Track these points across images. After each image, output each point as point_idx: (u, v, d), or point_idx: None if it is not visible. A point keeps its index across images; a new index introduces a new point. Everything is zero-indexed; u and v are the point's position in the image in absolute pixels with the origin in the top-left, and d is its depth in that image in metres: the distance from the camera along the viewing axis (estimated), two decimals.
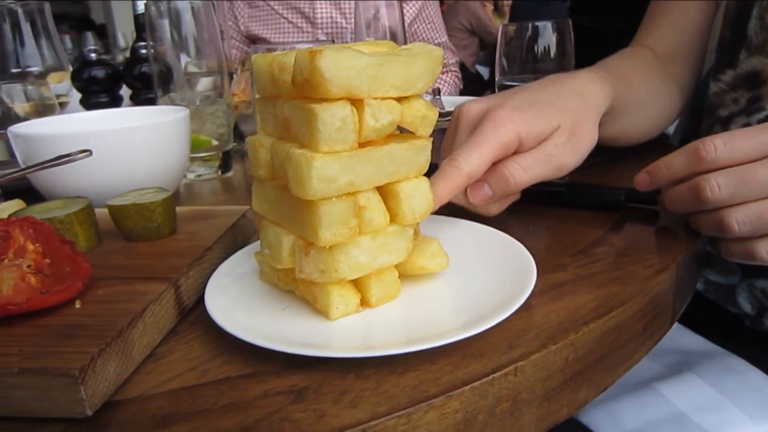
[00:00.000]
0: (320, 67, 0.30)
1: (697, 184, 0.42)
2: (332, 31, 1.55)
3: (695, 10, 0.71)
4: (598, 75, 0.53)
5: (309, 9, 1.53)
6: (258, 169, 0.37)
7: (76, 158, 0.43)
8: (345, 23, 1.54)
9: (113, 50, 4.33)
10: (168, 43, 0.74)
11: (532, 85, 0.52)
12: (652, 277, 0.39)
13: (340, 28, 1.54)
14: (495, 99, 0.48)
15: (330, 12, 1.54)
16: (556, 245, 0.46)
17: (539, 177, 0.45)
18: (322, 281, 0.34)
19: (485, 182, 0.45)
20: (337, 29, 1.54)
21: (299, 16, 1.54)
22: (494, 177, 0.44)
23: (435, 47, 0.34)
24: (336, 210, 0.32)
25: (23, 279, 0.33)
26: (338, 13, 1.54)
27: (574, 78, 0.51)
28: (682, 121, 0.80)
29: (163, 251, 0.41)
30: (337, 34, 1.55)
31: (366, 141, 0.33)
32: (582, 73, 0.53)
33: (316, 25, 1.54)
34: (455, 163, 0.42)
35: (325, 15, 1.53)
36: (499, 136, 0.43)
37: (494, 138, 0.43)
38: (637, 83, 0.64)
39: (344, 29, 1.54)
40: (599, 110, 0.51)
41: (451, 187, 0.42)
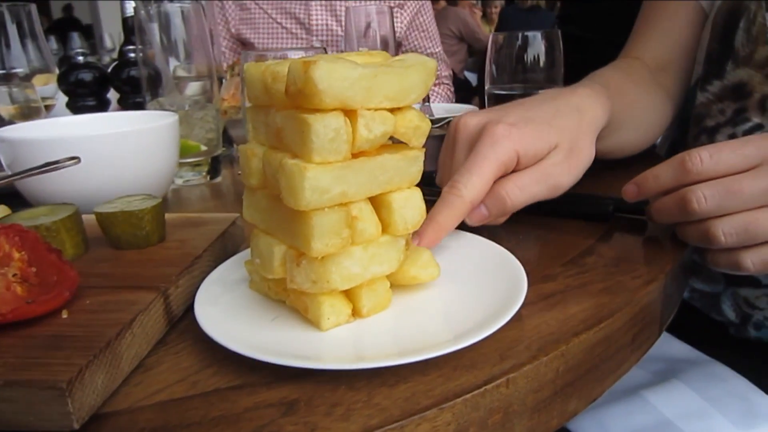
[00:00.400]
0: (314, 77, 0.30)
1: (683, 195, 0.42)
2: (327, 38, 1.54)
3: (685, 21, 0.71)
4: (596, 90, 0.53)
5: (305, 15, 1.52)
6: (249, 178, 0.37)
7: (64, 165, 0.42)
8: (340, 30, 1.53)
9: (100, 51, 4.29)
10: (157, 46, 0.73)
11: (530, 100, 0.52)
12: (641, 287, 0.39)
13: (335, 35, 1.53)
14: (492, 113, 0.48)
15: (326, 19, 1.53)
16: (545, 255, 0.46)
17: (535, 197, 0.46)
18: (314, 292, 0.33)
19: (482, 203, 0.44)
20: (332, 37, 1.53)
21: (294, 22, 1.53)
22: (491, 198, 0.44)
23: (429, 58, 0.35)
24: (328, 220, 0.32)
25: (8, 288, 0.32)
26: (334, 20, 1.53)
27: (572, 94, 0.51)
28: (669, 130, 0.81)
29: (152, 259, 0.41)
30: (332, 42, 1.54)
31: (359, 151, 0.33)
32: (580, 89, 0.53)
33: (311, 32, 1.53)
34: (456, 192, 0.42)
35: (320, 22, 1.52)
36: (498, 155, 0.43)
37: (494, 158, 0.43)
38: (633, 97, 0.64)
39: (339, 37, 1.53)
40: (597, 127, 0.51)
41: (454, 216, 0.42)
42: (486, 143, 0.44)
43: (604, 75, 0.66)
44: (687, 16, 0.71)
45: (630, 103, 0.63)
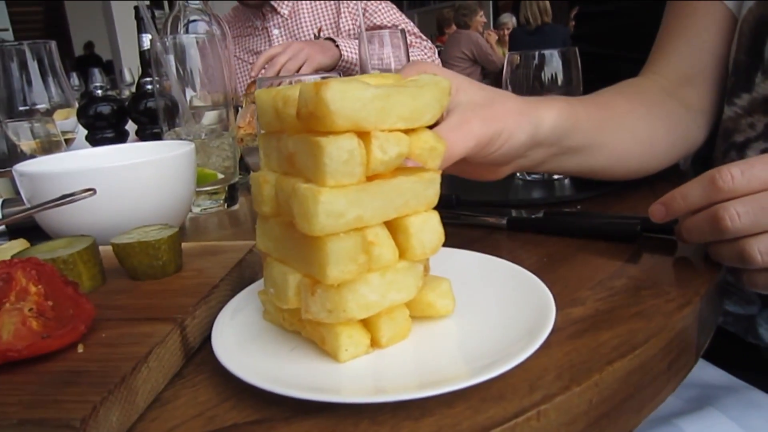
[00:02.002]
0: (326, 98, 0.29)
1: (715, 213, 0.40)
2: None
3: (712, 29, 0.67)
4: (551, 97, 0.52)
5: (267, 48, 1.58)
6: (262, 205, 0.36)
7: (80, 197, 0.42)
8: None
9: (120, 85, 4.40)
10: (173, 77, 0.74)
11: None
12: (675, 311, 0.37)
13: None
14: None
15: None
16: (572, 277, 0.44)
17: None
18: (330, 322, 0.32)
19: None
20: None
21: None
22: None
23: (442, 78, 0.34)
24: (344, 246, 0.31)
25: (24, 323, 0.32)
26: None
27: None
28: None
29: (169, 290, 0.40)
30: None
31: (373, 174, 0.32)
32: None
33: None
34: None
35: None
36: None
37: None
38: (624, 108, 0.60)
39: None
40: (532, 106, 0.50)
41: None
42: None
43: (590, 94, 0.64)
44: (714, 23, 0.67)
45: (619, 113, 0.59)
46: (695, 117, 0.67)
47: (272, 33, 1.61)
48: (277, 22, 1.61)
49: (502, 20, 5.12)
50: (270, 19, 1.61)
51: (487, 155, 0.46)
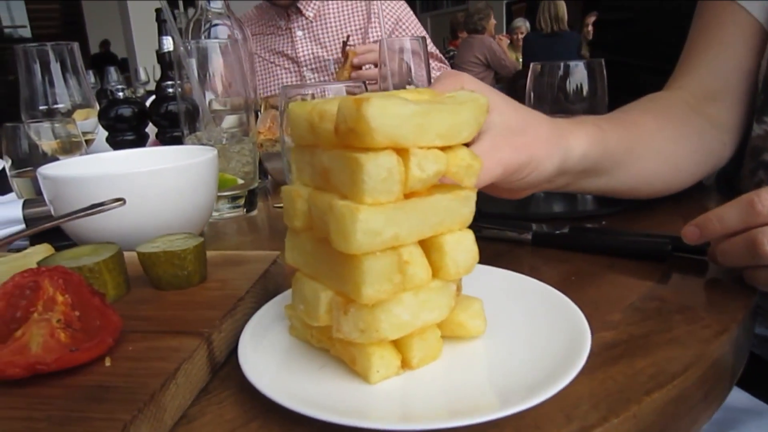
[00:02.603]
0: (367, 115, 0.28)
1: (754, 238, 0.39)
2: (315, 66, 1.62)
3: (740, 45, 0.66)
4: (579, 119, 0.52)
5: (291, 49, 1.61)
6: (294, 219, 0.35)
7: (110, 207, 0.42)
8: (326, 55, 1.61)
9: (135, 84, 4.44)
10: (195, 81, 0.74)
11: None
12: (713, 339, 0.36)
13: (323, 61, 1.61)
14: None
15: (311, 48, 1.61)
16: (603, 298, 0.44)
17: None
18: (362, 342, 0.32)
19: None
20: (320, 63, 1.61)
21: (283, 58, 1.62)
22: None
23: (480, 96, 0.33)
24: (380, 265, 0.30)
25: (52, 335, 0.31)
26: (319, 47, 1.61)
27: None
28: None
29: (194, 301, 0.40)
30: (320, 68, 1.62)
31: (410, 192, 0.31)
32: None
33: (300, 63, 1.61)
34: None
35: (306, 52, 1.61)
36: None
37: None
38: (652, 127, 0.59)
39: (327, 61, 1.61)
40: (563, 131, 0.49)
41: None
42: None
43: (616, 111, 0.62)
44: (743, 38, 0.65)
45: (647, 133, 0.58)
46: (721, 134, 0.66)
47: (296, 34, 1.60)
48: (301, 24, 1.60)
49: (515, 24, 5.11)
50: (294, 20, 1.60)
51: (512, 182, 0.45)
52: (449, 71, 0.45)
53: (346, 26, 1.62)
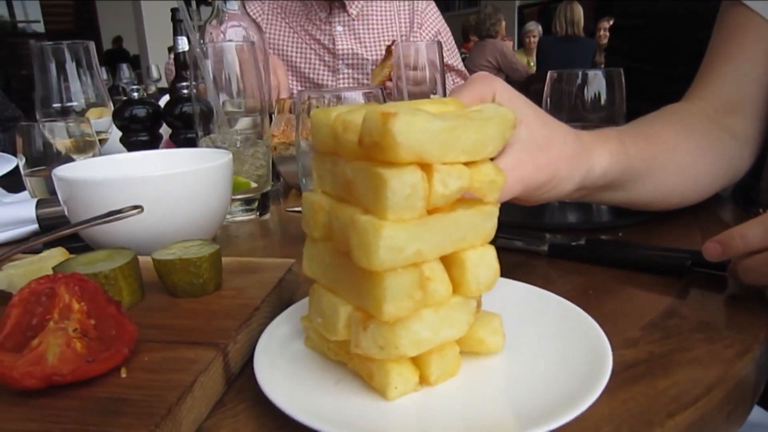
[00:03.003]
0: (393, 130, 0.28)
1: None
2: (352, 62, 1.59)
3: (760, 57, 0.65)
4: (605, 135, 0.51)
5: (329, 42, 1.58)
6: (313, 230, 0.35)
7: (127, 215, 0.42)
8: (366, 54, 1.58)
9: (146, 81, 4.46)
10: (210, 82, 0.73)
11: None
12: (735, 359, 0.36)
13: (360, 59, 1.58)
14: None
15: (350, 45, 1.58)
16: (622, 315, 0.43)
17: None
18: (381, 358, 0.31)
19: None
20: (357, 60, 1.59)
21: (320, 46, 1.59)
22: None
23: (507, 110, 0.33)
24: (402, 282, 0.30)
25: (69, 345, 0.31)
26: (359, 45, 1.58)
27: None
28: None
29: (209, 310, 0.40)
30: (357, 65, 1.59)
31: (433, 207, 0.31)
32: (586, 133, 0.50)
33: (336, 56, 1.58)
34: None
35: (345, 46, 1.58)
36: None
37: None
38: (672, 142, 0.59)
39: (365, 60, 1.58)
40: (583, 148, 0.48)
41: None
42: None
43: (637, 122, 0.61)
44: (764, 49, 0.64)
45: (668, 148, 0.57)
46: (740, 146, 0.65)
47: (335, 29, 1.57)
48: (342, 20, 1.58)
49: (528, 28, 5.09)
50: (336, 15, 1.57)
51: (531, 197, 0.45)
52: (482, 74, 0.44)
53: (389, 29, 1.60)
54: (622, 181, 0.52)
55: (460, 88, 0.42)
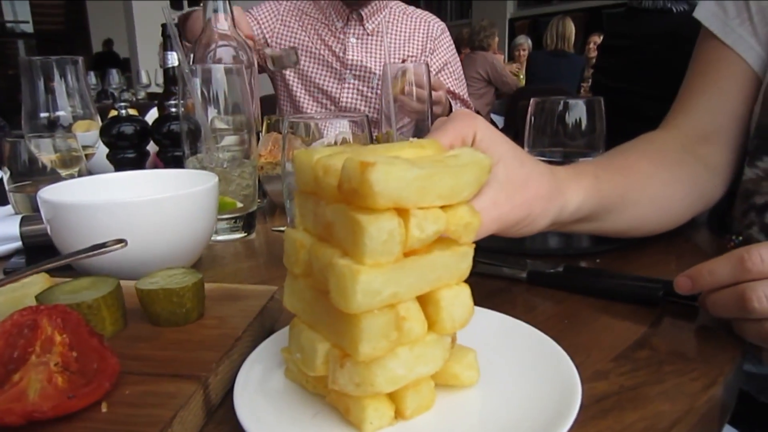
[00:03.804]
0: (371, 179, 0.29)
1: (743, 293, 0.40)
2: (360, 74, 1.61)
3: (733, 90, 0.67)
4: (578, 171, 0.52)
5: (340, 51, 1.59)
6: (294, 266, 0.36)
7: (112, 249, 0.42)
8: (374, 68, 1.60)
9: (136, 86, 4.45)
10: (198, 103, 0.74)
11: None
12: (701, 393, 0.37)
13: (368, 72, 1.60)
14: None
15: (361, 57, 1.60)
16: (595, 345, 0.44)
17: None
18: (357, 395, 0.32)
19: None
20: (365, 72, 1.60)
21: (330, 53, 1.61)
22: None
23: (484, 156, 0.34)
24: (378, 323, 0.31)
25: (50, 380, 0.32)
26: (370, 58, 1.60)
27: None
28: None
29: (191, 340, 0.40)
30: (365, 77, 1.61)
31: (409, 250, 0.32)
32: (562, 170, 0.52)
33: (346, 65, 1.60)
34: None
35: (355, 57, 1.60)
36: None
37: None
38: (647, 172, 0.60)
39: (372, 74, 1.60)
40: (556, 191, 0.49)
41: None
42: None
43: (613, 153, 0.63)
44: (736, 84, 0.67)
45: (643, 179, 0.59)
46: (713, 176, 0.68)
47: (349, 40, 1.59)
48: (357, 33, 1.60)
49: (517, 42, 5.14)
50: (352, 27, 1.59)
51: (506, 233, 0.46)
52: (462, 112, 0.45)
53: (402, 50, 1.62)
54: (596, 214, 0.53)
55: (442, 127, 0.43)
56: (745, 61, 0.66)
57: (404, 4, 1.69)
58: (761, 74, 0.65)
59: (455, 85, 1.66)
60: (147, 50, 5.65)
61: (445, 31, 1.69)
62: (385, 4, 1.62)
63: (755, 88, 0.66)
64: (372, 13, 1.59)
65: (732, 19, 0.67)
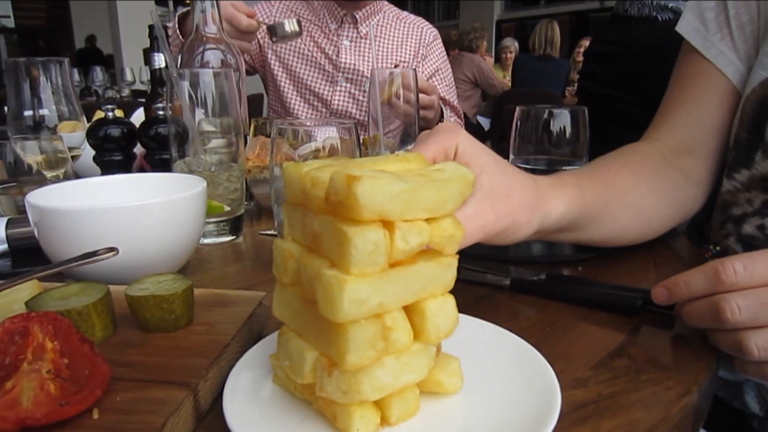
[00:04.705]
0: (356, 193, 0.30)
1: (716, 304, 0.42)
2: (352, 77, 1.61)
3: (714, 103, 0.69)
4: (562, 181, 0.54)
5: (333, 53, 1.60)
6: (283, 276, 0.37)
7: (103, 258, 0.43)
8: (367, 72, 1.61)
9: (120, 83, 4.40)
10: (186, 105, 0.74)
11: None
12: (676, 401, 0.39)
13: (360, 75, 1.61)
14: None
15: (354, 60, 1.60)
16: (574, 353, 0.45)
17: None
18: (344, 402, 0.33)
19: None
20: (357, 76, 1.61)
21: (323, 56, 1.61)
22: None
23: (467, 170, 0.35)
24: (364, 333, 0.32)
25: (42, 388, 0.32)
26: (362, 62, 1.61)
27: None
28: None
29: (180, 347, 0.41)
30: (356, 80, 1.61)
31: (395, 261, 0.33)
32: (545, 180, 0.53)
33: (339, 68, 1.61)
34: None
35: (348, 60, 1.60)
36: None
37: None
38: (628, 184, 0.62)
39: (365, 77, 1.61)
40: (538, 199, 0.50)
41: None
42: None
43: (596, 164, 0.65)
44: (716, 98, 0.69)
45: (625, 189, 0.61)
46: (693, 188, 0.69)
47: (342, 42, 1.59)
48: (351, 35, 1.60)
49: (504, 44, 5.18)
50: (345, 29, 1.59)
51: (491, 242, 0.47)
52: (445, 126, 0.46)
53: (394, 55, 1.63)
54: (578, 223, 0.54)
55: (425, 140, 0.44)
56: (725, 76, 0.67)
57: (398, 9, 1.71)
58: (740, 88, 0.67)
59: (445, 91, 1.68)
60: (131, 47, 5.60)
61: (437, 38, 1.71)
62: (380, 7, 1.63)
63: (735, 102, 0.68)
64: (366, 16, 1.60)
65: (713, 34, 0.69)
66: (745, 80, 0.68)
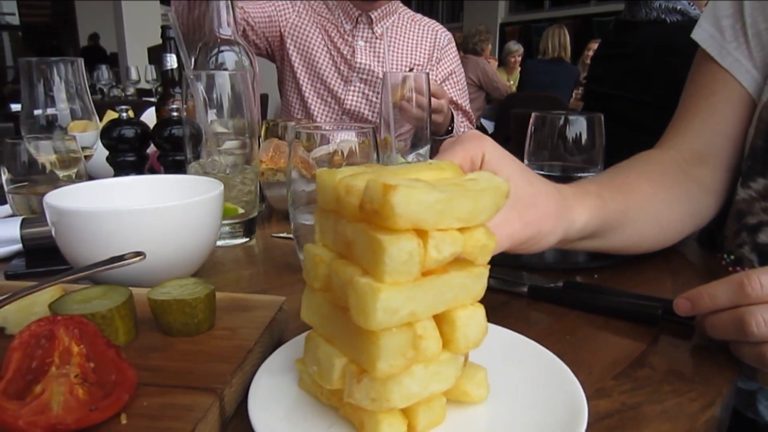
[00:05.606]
0: (392, 202, 0.30)
1: (741, 317, 0.42)
2: (367, 77, 1.61)
3: (729, 112, 0.69)
4: (583, 190, 0.54)
5: (348, 53, 1.60)
6: (314, 280, 0.37)
7: (129, 262, 0.43)
8: (380, 74, 1.61)
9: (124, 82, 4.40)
10: (201, 109, 0.74)
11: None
12: (699, 413, 0.38)
13: (375, 77, 1.61)
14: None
15: (369, 61, 1.60)
16: (596, 363, 0.45)
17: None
18: (373, 409, 0.33)
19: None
20: (371, 77, 1.61)
21: (338, 54, 1.61)
22: None
23: (502, 181, 0.35)
24: (396, 341, 0.32)
25: (72, 393, 0.32)
26: (377, 63, 1.61)
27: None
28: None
29: (204, 351, 0.41)
30: (370, 81, 1.62)
31: (427, 270, 0.33)
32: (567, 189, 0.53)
33: (354, 68, 1.61)
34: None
35: (363, 61, 1.60)
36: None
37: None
38: (646, 192, 0.62)
39: (378, 79, 1.61)
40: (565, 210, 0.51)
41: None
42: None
43: (614, 172, 0.65)
44: (732, 106, 0.69)
45: (643, 198, 0.61)
46: (707, 196, 0.69)
47: (357, 43, 1.59)
48: (365, 36, 1.60)
49: (511, 48, 5.18)
50: (360, 30, 1.59)
51: (517, 250, 0.47)
52: (472, 133, 0.46)
53: (408, 58, 1.63)
54: (599, 232, 0.54)
55: (451, 148, 0.44)
56: (740, 84, 0.67)
57: (412, 12, 1.70)
58: (756, 97, 0.67)
59: (458, 96, 1.68)
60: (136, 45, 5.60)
61: (451, 41, 1.71)
62: (395, 8, 1.63)
63: (750, 111, 0.68)
64: (381, 17, 1.60)
65: (729, 42, 0.69)
66: (761, 89, 0.68)
